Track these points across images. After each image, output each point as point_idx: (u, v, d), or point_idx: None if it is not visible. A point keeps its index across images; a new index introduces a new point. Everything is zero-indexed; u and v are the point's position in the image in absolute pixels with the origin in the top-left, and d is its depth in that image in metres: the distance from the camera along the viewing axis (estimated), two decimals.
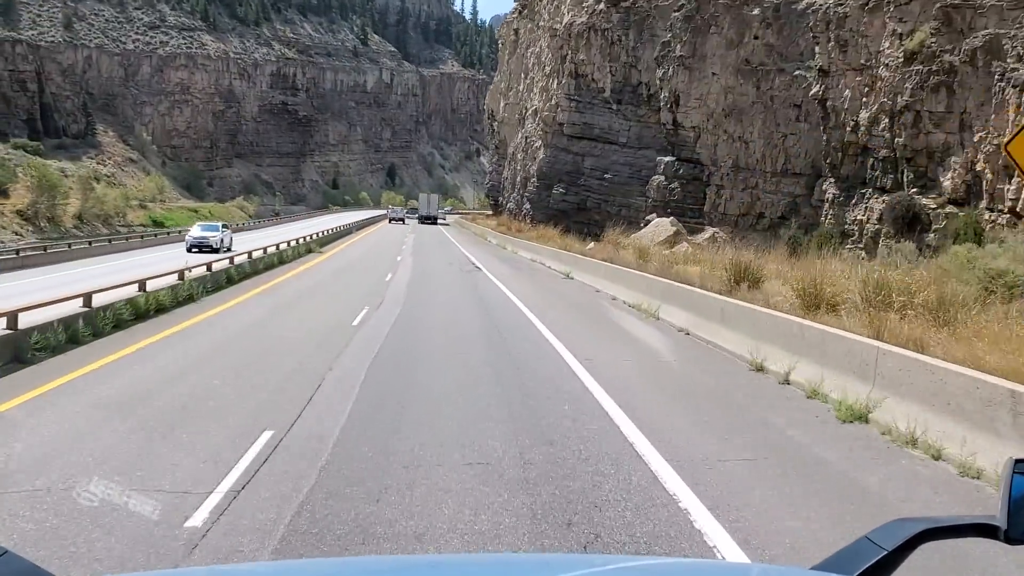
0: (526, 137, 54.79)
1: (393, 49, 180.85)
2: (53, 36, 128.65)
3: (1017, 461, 1.43)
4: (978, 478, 6.30)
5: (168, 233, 70.74)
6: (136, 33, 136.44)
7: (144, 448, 6.63)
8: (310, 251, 32.85)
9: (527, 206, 50.93)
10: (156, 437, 7.02)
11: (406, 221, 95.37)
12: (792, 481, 6.23)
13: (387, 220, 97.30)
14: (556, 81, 46.83)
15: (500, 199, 76.23)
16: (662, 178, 38.22)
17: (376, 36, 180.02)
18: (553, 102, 46.62)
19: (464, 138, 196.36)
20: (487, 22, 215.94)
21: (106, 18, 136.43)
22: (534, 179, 48.61)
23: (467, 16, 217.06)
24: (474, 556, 3.96)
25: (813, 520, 5.43)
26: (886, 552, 1.41)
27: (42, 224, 71.29)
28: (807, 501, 5.81)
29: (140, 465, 6.19)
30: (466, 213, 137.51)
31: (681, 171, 37.40)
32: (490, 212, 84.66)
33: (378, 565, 2.40)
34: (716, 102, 35.91)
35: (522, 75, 68.13)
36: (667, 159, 38.32)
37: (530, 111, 56.35)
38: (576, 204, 45.12)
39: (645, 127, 41.78)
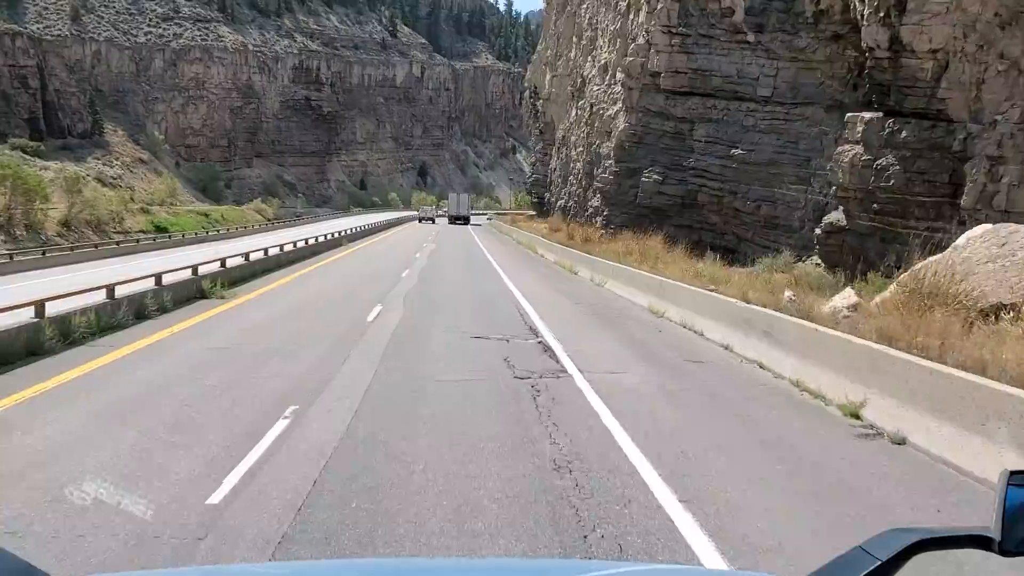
0: (591, 105, 36.76)
1: (424, 41, 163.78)
2: (60, 29, 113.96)
3: (1012, 473, 1.35)
4: None
5: (152, 239, 55.00)
6: (148, 25, 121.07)
7: None
8: (201, 295, 14.85)
9: (595, 203, 32.94)
10: None
11: (435, 221, 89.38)
12: None
13: (417, 220, 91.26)
14: (644, 10, 28.79)
15: (547, 196, 58.45)
16: (858, 149, 20.24)
17: (406, 28, 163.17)
18: (640, 42, 28.57)
19: (499, 135, 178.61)
20: (523, 15, 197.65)
21: (116, 10, 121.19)
22: (610, 162, 30.52)
23: (501, 8, 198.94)
24: (471, 560, 3.66)
25: None
26: (880, 562, 1.33)
27: (16, 232, 56.05)
28: None
29: None
30: (503, 213, 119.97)
31: (904, 135, 19.37)
32: (533, 212, 66.48)
33: (375, 568, 2.22)
34: (981, 2, 18.00)
35: (574, 38, 50.28)
36: (869, 115, 20.31)
37: (594, 72, 38.42)
38: (680, 198, 27.10)
39: (807, 68, 23.70)
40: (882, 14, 19.22)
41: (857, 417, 7.35)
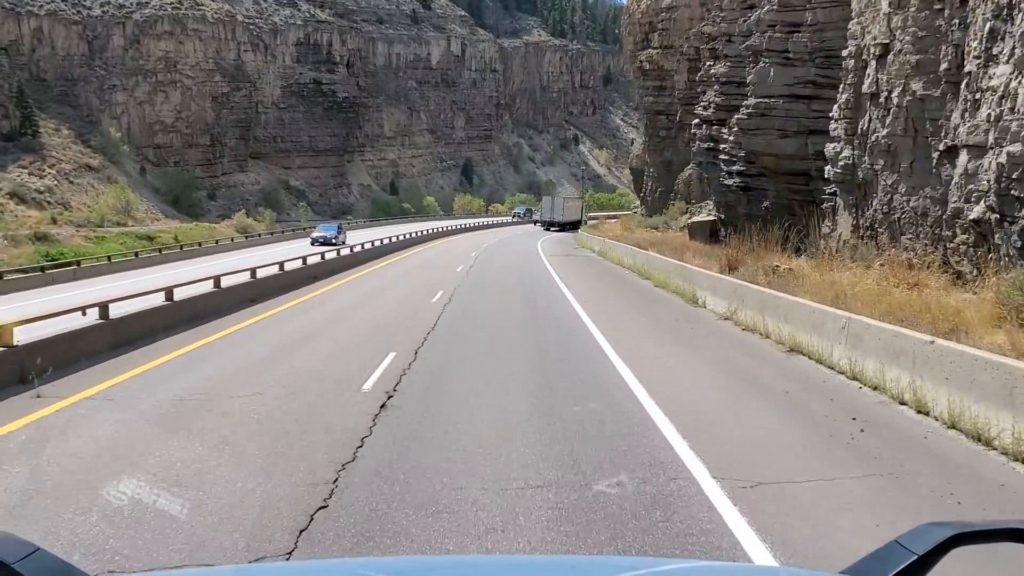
0: None
1: (463, 14, 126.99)
2: None
3: None
4: None
5: None
6: None
7: None
8: None
9: None
10: None
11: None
12: None
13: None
14: None
15: (864, 176, 19.21)
16: None
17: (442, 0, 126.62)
18: None
19: (558, 123, 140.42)
20: None
21: None
22: None
23: None
24: (500, 557, 3.48)
25: None
26: (917, 556, 1.26)
27: None
28: None
29: None
30: (598, 216, 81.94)
31: None
32: (711, 215, 26.74)
33: (401, 565, 2.10)
34: None
35: None
36: None
37: None
38: None
39: None
40: None
41: None
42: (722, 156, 25.02)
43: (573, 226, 63.37)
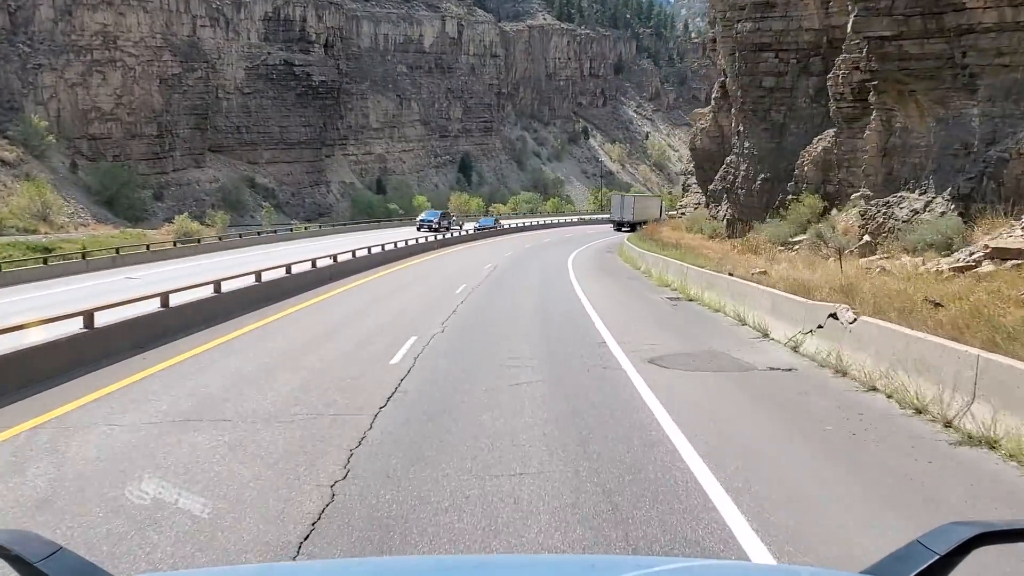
0: None
1: None
2: None
3: None
4: None
5: None
6: None
7: None
8: None
9: None
10: None
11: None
12: None
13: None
14: None
15: None
16: None
17: None
18: None
19: (565, 114, 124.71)
20: None
21: None
22: None
23: None
24: (518, 557, 3.47)
25: None
26: (938, 556, 1.22)
27: None
28: None
29: None
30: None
31: None
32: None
33: (422, 565, 2.08)
34: None
35: None
36: None
37: None
38: None
39: None
40: None
41: None
42: None
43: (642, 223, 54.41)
